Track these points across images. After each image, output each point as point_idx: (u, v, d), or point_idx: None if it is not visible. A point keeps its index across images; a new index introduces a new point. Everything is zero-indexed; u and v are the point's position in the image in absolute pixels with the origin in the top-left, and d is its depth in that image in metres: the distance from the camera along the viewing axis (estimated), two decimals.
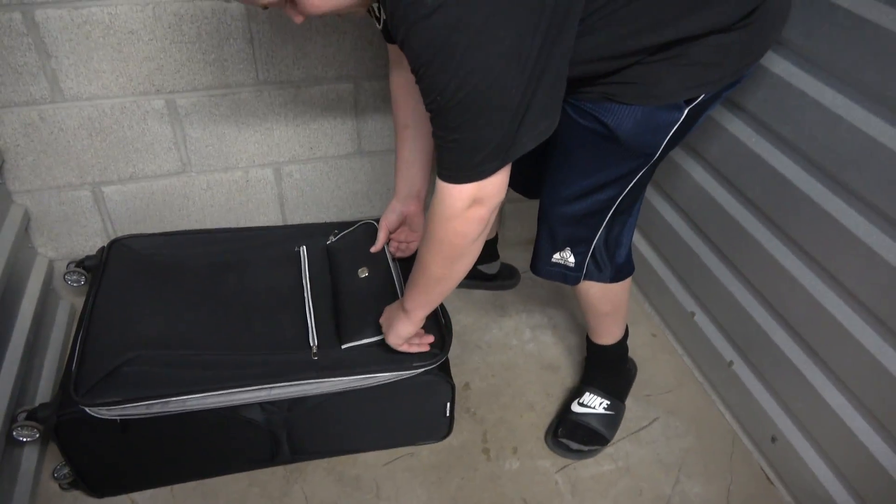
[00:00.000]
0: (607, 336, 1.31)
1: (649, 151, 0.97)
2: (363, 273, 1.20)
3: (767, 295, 1.23)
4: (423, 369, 1.13)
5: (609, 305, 1.23)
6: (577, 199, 1.04)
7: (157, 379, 1.04)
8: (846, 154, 1.01)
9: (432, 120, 0.79)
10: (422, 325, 1.10)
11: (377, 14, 0.89)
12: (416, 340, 1.13)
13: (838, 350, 1.08)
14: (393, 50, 1.13)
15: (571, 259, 1.12)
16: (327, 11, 0.79)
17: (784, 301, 1.18)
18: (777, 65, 1.12)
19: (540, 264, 1.16)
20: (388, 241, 1.30)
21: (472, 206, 0.85)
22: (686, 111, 0.92)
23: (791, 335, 1.19)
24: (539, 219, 1.14)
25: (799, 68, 1.09)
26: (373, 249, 1.27)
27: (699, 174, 1.36)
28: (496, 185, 0.84)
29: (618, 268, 1.16)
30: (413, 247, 1.30)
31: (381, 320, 1.13)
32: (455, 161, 0.82)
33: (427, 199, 1.23)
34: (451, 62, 0.70)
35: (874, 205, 0.98)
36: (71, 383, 1.02)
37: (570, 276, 1.15)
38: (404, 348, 1.12)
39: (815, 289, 1.10)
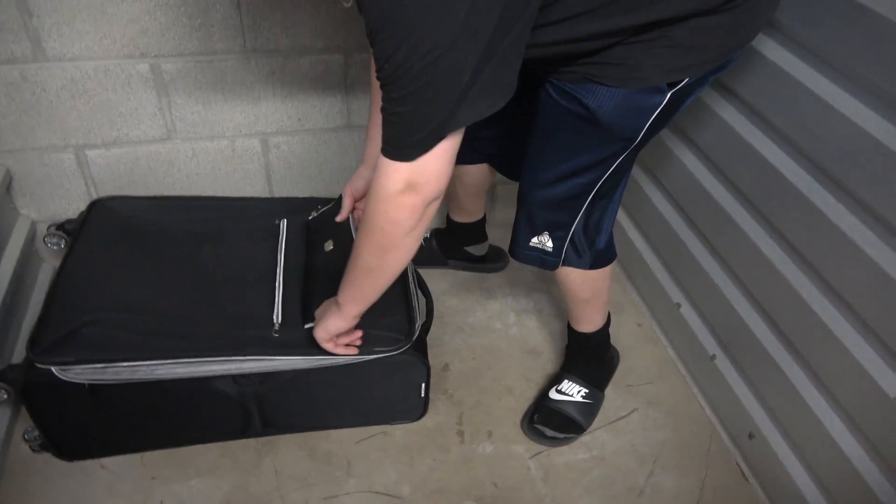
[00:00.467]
0: (588, 323, 1.29)
1: (630, 136, 0.94)
2: (328, 246, 1.17)
3: (753, 289, 1.20)
4: (384, 354, 1.11)
5: (589, 292, 1.21)
6: (556, 183, 1.02)
7: (114, 343, 1.03)
8: (839, 147, 0.98)
9: (381, 90, 0.75)
10: (355, 322, 1.04)
11: None
12: (344, 340, 1.08)
13: (820, 349, 1.06)
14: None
15: (549, 244, 1.10)
16: None
17: (769, 297, 1.16)
18: (772, 51, 1.08)
19: (517, 248, 1.14)
20: (353, 210, 1.25)
21: (406, 191, 0.80)
22: (669, 95, 0.89)
23: (774, 332, 1.16)
24: (518, 201, 1.11)
25: (795, 56, 1.05)
26: (338, 218, 1.23)
27: (691, 161, 1.33)
28: (433, 171, 0.80)
29: (598, 254, 1.14)
30: None
31: (317, 312, 1.08)
32: (395, 135, 0.77)
33: None
34: (400, 29, 0.67)
35: (865, 202, 0.95)
36: (28, 340, 1.02)
37: (547, 261, 1.13)
38: (329, 346, 1.06)
39: (801, 285, 1.08)
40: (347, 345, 1.09)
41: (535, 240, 1.11)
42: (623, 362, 1.44)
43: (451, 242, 1.60)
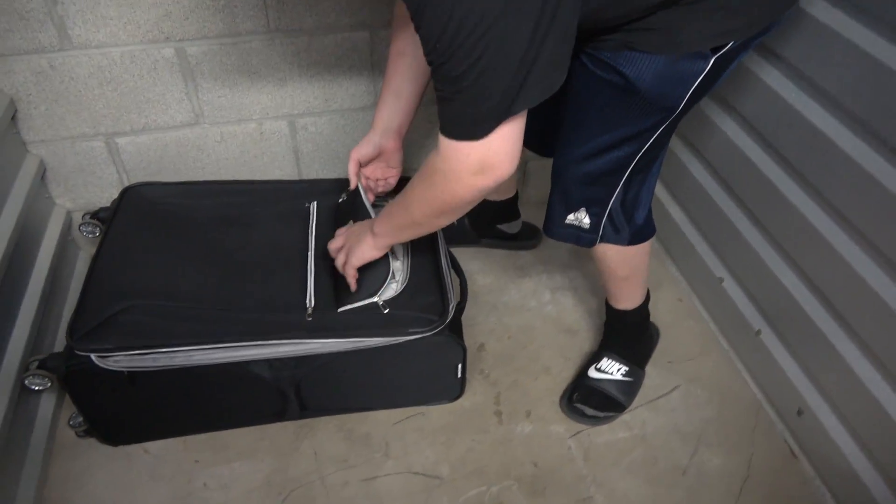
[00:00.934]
0: (627, 300, 1.26)
1: (671, 105, 0.89)
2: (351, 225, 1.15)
3: (801, 262, 1.15)
4: (419, 335, 1.10)
5: (627, 269, 1.18)
6: (593, 157, 0.98)
7: (151, 329, 1.03)
8: (894, 110, 0.92)
9: (433, 73, 0.73)
10: (384, 253, 1.08)
11: None
12: (352, 270, 1.08)
13: (873, 322, 1.01)
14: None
15: (587, 220, 1.07)
16: None
17: (818, 269, 1.11)
18: (821, 11, 1.02)
19: (553, 226, 1.11)
20: (360, 179, 1.21)
21: (479, 173, 0.80)
22: (712, 61, 0.84)
23: (824, 305, 1.12)
24: (553, 178, 1.08)
25: (846, 14, 0.99)
26: (351, 187, 1.20)
27: (732, 129, 1.27)
28: (506, 153, 0.79)
29: (636, 230, 1.10)
30: (392, 182, 1.24)
31: (344, 233, 1.10)
32: (459, 114, 0.76)
33: (406, 137, 1.18)
34: (445, 5, 0.65)
35: None
36: (67, 328, 1.03)
37: (584, 238, 1.10)
38: (339, 260, 1.09)
39: (852, 256, 1.03)
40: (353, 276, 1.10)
41: (571, 217, 1.08)
42: (663, 339, 1.41)
43: (483, 220, 1.57)
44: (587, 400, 1.26)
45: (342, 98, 1.41)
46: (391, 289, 1.12)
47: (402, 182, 1.12)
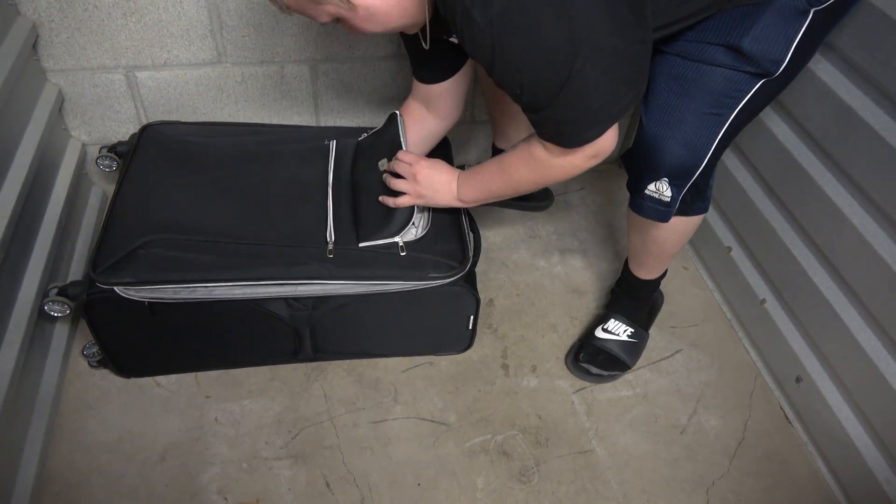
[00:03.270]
0: (652, 272, 1.28)
1: (769, 66, 0.90)
2: (384, 165, 1.15)
3: (813, 233, 1.18)
4: (438, 282, 1.11)
5: (679, 245, 1.19)
6: (687, 128, 0.96)
7: (172, 263, 1.04)
8: None
9: (531, 112, 0.88)
10: (455, 206, 1.13)
11: (426, 36, 0.93)
12: (409, 200, 1.12)
13: (882, 292, 1.04)
14: (419, 89, 1.16)
15: (668, 192, 1.03)
16: (378, 32, 0.88)
17: (830, 240, 1.14)
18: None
19: (636, 196, 1.07)
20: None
21: (591, 159, 0.93)
22: (811, 14, 0.86)
23: (832, 275, 1.14)
24: (638, 146, 1.03)
25: None
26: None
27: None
28: (613, 139, 0.90)
29: (702, 199, 1.10)
30: None
31: (420, 173, 1.09)
32: (572, 132, 0.89)
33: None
34: (520, 58, 0.80)
35: None
36: (90, 261, 1.03)
37: (662, 213, 1.06)
38: (403, 185, 1.11)
39: (866, 228, 1.05)
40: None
41: (651, 187, 1.04)
42: (667, 305, 1.44)
43: None
44: (593, 359, 1.29)
45: (365, 46, 1.40)
46: (411, 233, 1.13)
47: None
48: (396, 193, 1.12)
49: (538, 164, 0.96)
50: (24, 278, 1.13)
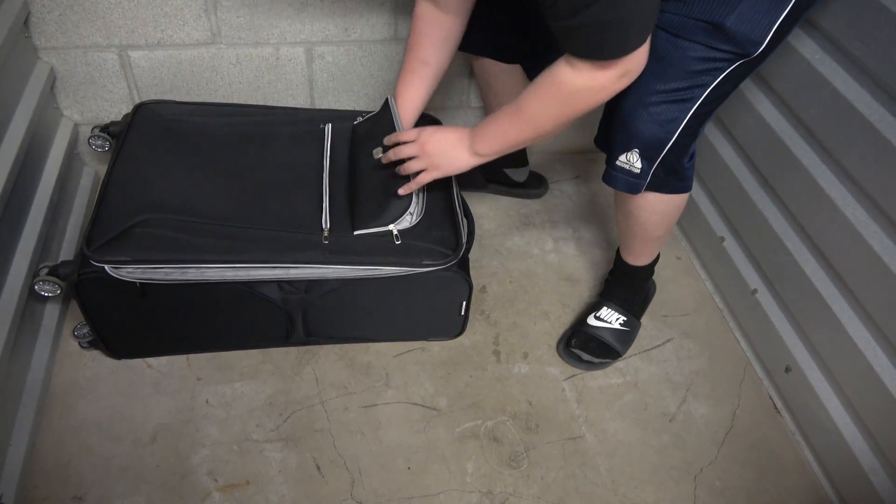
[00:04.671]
0: (643, 257, 1.28)
1: (749, 47, 0.90)
2: (378, 153, 1.15)
3: (805, 223, 1.18)
4: (432, 268, 1.11)
5: (663, 228, 1.19)
6: (661, 101, 0.96)
7: (166, 243, 1.04)
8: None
9: (570, 16, 0.79)
10: (472, 165, 1.06)
11: None
12: (419, 182, 1.09)
13: (872, 284, 1.04)
14: None
15: (638, 164, 1.03)
16: None
17: (823, 231, 1.14)
18: None
19: (608, 167, 1.08)
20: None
21: (622, 78, 0.88)
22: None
23: (824, 266, 1.15)
24: (615, 118, 1.04)
25: None
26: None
27: (745, 86, 1.28)
28: (644, 54, 0.87)
29: (680, 177, 1.09)
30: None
31: (428, 144, 1.05)
32: (612, 39, 0.83)
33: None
34: None
35: None
36: (83, 238, 1.02)
37: (632, 184, 1.07)
38: (422, 179, 1.07)
39: (859, 220, 1.06)
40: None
41: (623, 158, 1.04)
42: (660, 294, 1.44)
43: (490, 163, 1.57)
44: (585, 346, 1.29)
45: (362, 28, 1.39)
46: (406, 221, 1.12)
47: None
48: (406, 179, 1.10)
49: (563, 91, 0.91)
50: (15, 258, 1.12)
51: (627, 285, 1.33)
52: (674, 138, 1.00)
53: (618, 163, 1.05)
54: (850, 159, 1.07)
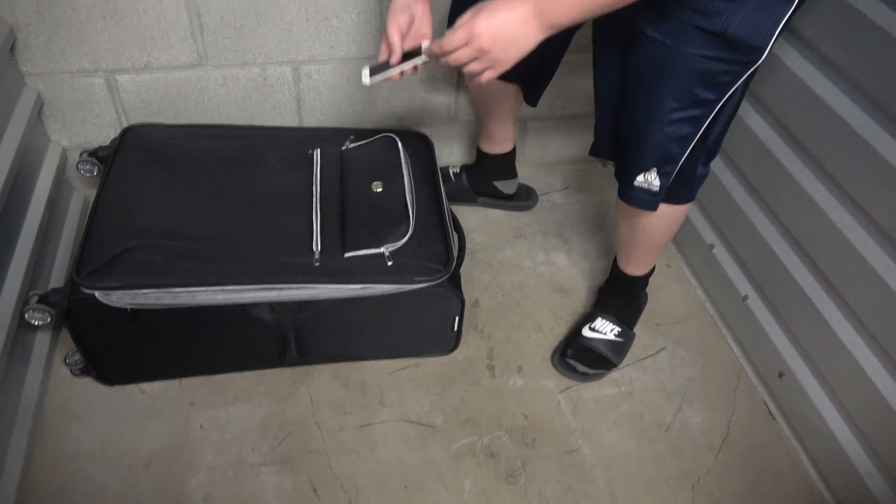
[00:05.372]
0: (642, 267, 1.29)
1: (757, 49, 0.87)
2: (377, 187, 1.16)
3: (793, 229, 1.19)
4: (423, 285, 1.11)
5: (667, 235, 1.19)
6: (677, 117, 0.95)
7: (156, 268, 1.03)
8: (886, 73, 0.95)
9: None
10: (535, 42, 0.83)
11: None
12: (458, 60, 0.85)
13: (860, 288, 1.05)
14: None
15: (656, 182, 1.02)
16: None
17: (810, 237, 1.15)
18: None
19: (625, 187, 1.07)
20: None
21: None
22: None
23: (812, 271, 1.16)
24: (629, 139, 1.02)
25: None
26: (392, 61, 0.96)
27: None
28: None
29: (689, 187, 1.10)
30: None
31: (483, 39, 0.81)
32: None
33: None
34: None
35: None
36: (73, 265, 1.02)
37: (651, 202, 1.06)
38: (487, 77, 0.86)
39: (845, 224, 1.07)
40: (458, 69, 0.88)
41: (640, 178, 1.03)
42: (651, 302, 1.44)
43: (480, 176, 1.58)
44: (580, 357, 1.30)
45: (348, 46, 1.39)
46: (397, 241, 1.12)
47: None
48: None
49: None
50: (4, 285, 1.11)
51: (623, 296, 1.33)
52: (688, 152, 1.00)
53: (636, 183, 1.04)
54: (834, 164, 1.08)
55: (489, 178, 1.58)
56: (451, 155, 1.68)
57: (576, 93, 1.60)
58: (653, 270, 1.32)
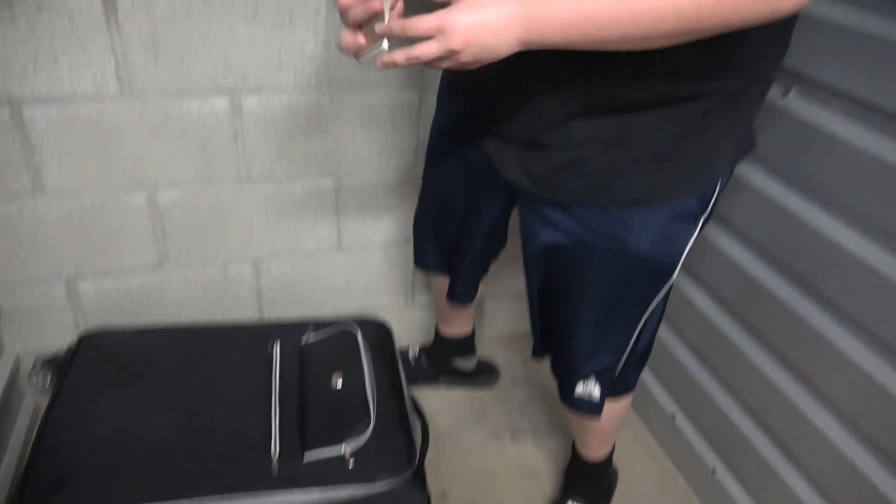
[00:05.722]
0: (599, 450, 1.27)
1: (668, 269, 0.93)
2: (337, 383, 1.17)
3: (748, 400, 1.21)
4: (387, 482, 1.08)
5: (616, 421, 1.19)
6: (602, 330, 0.99)
7: (107, 488, 0.99)
8: (815, 261, 1.03)
9: None
10: (516, 48, 0.70)
11: None
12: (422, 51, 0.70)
13: (821, 460, 1.06)
14: None
15: (596, 391, 1.05)
16: None
17: (765, 408, 1.17)
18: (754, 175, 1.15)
19: (566, 395, 1.09)
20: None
21: None
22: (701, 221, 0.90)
23: (773, 442, 1.17)
24: (559, 350, 1.07)
25: (769, 176, 1.12)
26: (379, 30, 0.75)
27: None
28: None
29: (628, 382, 1.12)
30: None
31: (456, 38, 0.68)
32: None
33: None
34: None
35: (849, 313, 0.99)
36: (15, 491, 0.97)
37: (594, 408, 1.07)
38: (418, 53, 0.70)
39: (796, 397, 1.10)
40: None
41: (580, 388, 1.05)
42: (622, 479, 1.41)
43: (438, 356, 1.59)
44: None
45: (307, 240, 1.46)
46: (358, 438, 1.10)
47: None
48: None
49: None
50: None
51: (589, 480, 1.30)
52: (624, 358, 1.03)
53: (576, 395, 1.06)
54: (776, 337, 1.13)
55: (448, 356, 1.59)
56: (409, 336, 1.69)
57: None
58: (613, 449, 1.30)
